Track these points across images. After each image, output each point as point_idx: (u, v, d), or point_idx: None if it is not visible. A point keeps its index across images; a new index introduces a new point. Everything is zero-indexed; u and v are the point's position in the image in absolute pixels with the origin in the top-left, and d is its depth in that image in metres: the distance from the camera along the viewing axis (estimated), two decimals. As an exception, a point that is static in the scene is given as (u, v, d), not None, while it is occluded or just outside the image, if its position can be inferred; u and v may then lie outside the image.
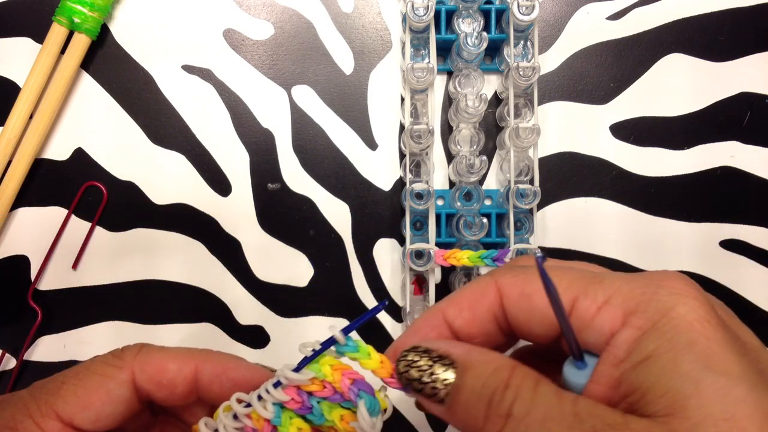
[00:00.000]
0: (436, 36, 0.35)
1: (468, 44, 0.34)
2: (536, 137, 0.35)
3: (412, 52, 0.37)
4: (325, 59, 0.38)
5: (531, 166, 0.36)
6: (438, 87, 0.38)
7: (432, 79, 0.35)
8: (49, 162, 0.37)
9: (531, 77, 0.34)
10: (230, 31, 0.38)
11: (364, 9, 0.38)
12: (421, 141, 0.34)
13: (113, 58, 0.38)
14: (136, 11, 0.38)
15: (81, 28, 0.36)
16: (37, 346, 0.37)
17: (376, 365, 0.22)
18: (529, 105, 0.36)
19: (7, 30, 0.37)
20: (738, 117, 0.38)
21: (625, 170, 0.38)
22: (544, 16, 0.39)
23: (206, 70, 0.38)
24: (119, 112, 0.37)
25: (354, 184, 0.38)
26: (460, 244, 0.36)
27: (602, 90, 0.38)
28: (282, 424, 0.22)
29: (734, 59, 0.39)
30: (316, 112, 0.38)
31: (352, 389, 0.22)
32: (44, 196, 0.37)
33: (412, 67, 0.34)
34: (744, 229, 0.38)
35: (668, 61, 0.38)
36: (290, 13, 0.38)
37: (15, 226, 0.37)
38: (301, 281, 0.37)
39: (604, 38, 0.39)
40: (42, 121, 0.36)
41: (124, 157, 0.37)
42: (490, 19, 0.36)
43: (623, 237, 0.38)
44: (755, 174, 0.38)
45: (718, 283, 0.38)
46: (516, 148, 0.36)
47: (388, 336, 0.37)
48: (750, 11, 0.39)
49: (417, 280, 0.36)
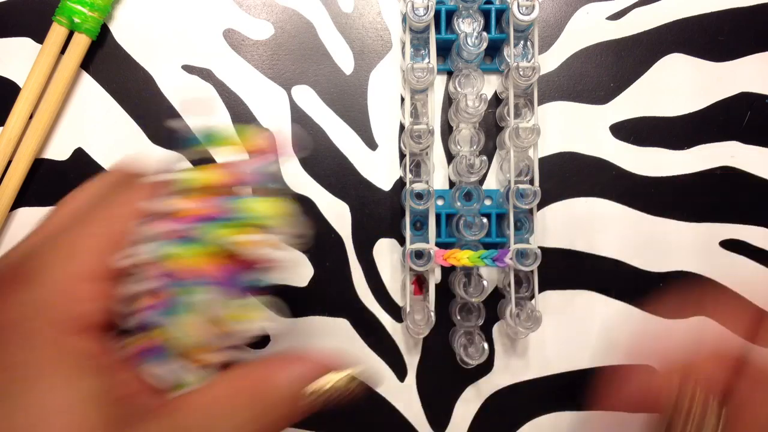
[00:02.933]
0: (436, 36, 0.35)
1: (468, 44, 0.34)
2: (536, 137, 0.35)
3: (412, 52, 0.37)
4: (325, 59, 0.38)
5: (531, 166, 0.36)
6: (438, 87, 0.38)
7: (432, 79, 0.35)
8: (49, 162, 0.37)
9: (531, 77, 0.34)
10: (230, 31, 0.38)
11: (364, 9, 0.38)
12: (421, 141, 0.34)
13: (113, 58, 0.38)
14: (136, 11, 0.38)
15: (81, 28, 0.36)
16: (37, 346, 0.37)
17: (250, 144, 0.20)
18: (529, 105, 0.36)
19: (7, 30, 0.37)
20: (738, 117, 0.38)
21: (625, 170, 0.38)
22: (544, 16, 0.39)
23: (206, 70, 0.38)
24: (119, 112, 0.37)
25: (354, 184, 0.38)
26: (460, 244, 0.36)
27: (602, 90, 0.38)
28: (170, 256, 0.20)
29: (734, 59, 0.39)
30: (316, 112, 0.38)
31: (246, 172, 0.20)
32: (44, 196, 0.37)
33: (412, 67, 0.34)
34: (744, 229, 0.38)
35: (668, 61, 0.38)
36: (290, 13, 0.38)
37: (15, 226, 0.37)
38: (301, 281, 0.37)
39: (604, 38, 0.39)
40: (42, 121, 0.36)
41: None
42: (490, 19, 0.37)
43: (623, 237, 0.38)
44: (755, 174, 0.38)
45: (718, 283, 0.38)
46: (516, 148, 0.36)
47: (389, 337, 0.37)
48: (750, 11, 0.39)
49: (417, 280, 0.36)
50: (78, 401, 0.18)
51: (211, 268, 0.19)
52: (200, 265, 0.19)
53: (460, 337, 0.36)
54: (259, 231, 0.20)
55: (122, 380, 0.20)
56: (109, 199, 0.22)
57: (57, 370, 0.18)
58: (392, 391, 0.37)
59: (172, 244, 0.20)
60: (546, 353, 0.37)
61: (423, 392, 0.37)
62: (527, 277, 0.35)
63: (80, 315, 0.19)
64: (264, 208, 0.19)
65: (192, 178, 0.20)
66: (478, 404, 0.37)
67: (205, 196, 0.20)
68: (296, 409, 0.21)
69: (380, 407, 0.36)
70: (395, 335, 0.37)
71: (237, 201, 0.19)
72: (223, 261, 0.20)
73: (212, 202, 0.20)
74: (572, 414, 0.37)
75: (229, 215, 0.19)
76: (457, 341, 0.36)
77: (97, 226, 0.21)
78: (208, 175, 0.20)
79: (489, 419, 0.37)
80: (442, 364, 0.37)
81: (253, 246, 0.19)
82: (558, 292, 0.37)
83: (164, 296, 0.20)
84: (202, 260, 0.19)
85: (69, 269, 0.20)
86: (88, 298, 0.20)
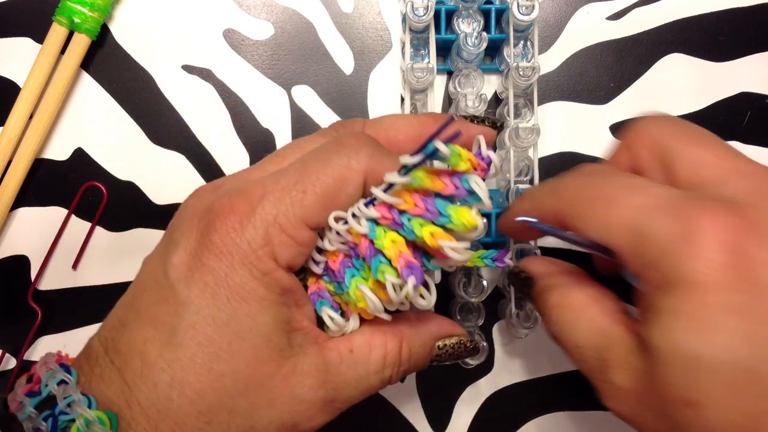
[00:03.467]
0: (435, 36, 0.35)
1: (468, 44, 0.34)
2: (536, 137, 0.35)
3: (412, 52, 0.37)
4: (325, 59, 0.38)
5: (531, 166, 0.36)
6: (439, 87, 0.38)
7: (432, 79, 0.35)
8: (49, 162, 0.37)
9: (531, 77, 0.34)
10: (230, 31, 0.38)
11: (364, 9, 0.38)
12: None
13: (113, 58, 0.38)
14: (136, 11, 0.38)
15: (81, 28, 0.36)
16: (37, 346, 0.37)
17: (467, 165, 0.23)
18: (529, 105, 0.36)
19: (7, 30, 0.37)
20: (738, 117, 0.38)
21: (625, 170, 0.38)
22: (544, 16, 0.39)
23: (206, 70, 0.38)
24: (119, 112, 0.38)
25: (354, 184, 0.37)
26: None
27: (602, 90, 0.38)
28: (377, 237, 0.23)
29: (734, 59, 0.39)
30: (316, 112, 0.38)
31: (458, 187, 0.22)
32: (44, 196, 0.37)
33: (412, 67, 0.34)
34: (744, 229, 0.38)
35: (668, 61, 0.38)
36: (290, 13, 0.38)
37: (15, 226, 0.37)
38: (301, 281, 0.37)
39: (604, 38, 0.39)
40: (42, 121, 0.36)
41: (124, 157, 0.37)
42: (490, 19, 0.37)
43: (623, 237, 0.38)
44: (755, 174, 0.38)
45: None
46: (516, 148, 0.36)
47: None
48: (750, 11, 0.39)
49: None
50: (270, 326, 0.22)
51: (400, 256, 0.23)
52: (393, 251, 0.23)
53: None
54: (452, 235, 0.23)
55: (302, 314, 0.24)
56: (341, 158, 0.23)
57: (261, 297, 0.22)
58: (392, 391, 0.37)
59: (381, 227, 0.23)
60: (546, 353, 0.37)
61: (423, 392, 0.37)
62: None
63: (287, 257, 0.23)
64: (462, 219, 0.22)
65: (416, 178, 0.22)
66: (478, 404, 0.37)
67: (421, 194, 0.23)
68: (428, 359, 0.27)
69: (380, 407, 0.36)
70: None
71: (446, 206, 0.22)
72: (412, 249, 0.23)
73: (426, 201, 0.23)
74: (572, 414, 0.37)
75: (435, 217, 0.22)
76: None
77: (323, 180, 0.23)
78: (429, 181, 0.22)
79: (489, 419, 0.37)
80: (442, 365, 0.37)
81: (443, 247, 0.22)
82: (558, 292, 0.37)
83: (347, 262, 0.24)
84: (396, 247, 0.23)
85: (288, 212, 0.22)
86: (295, 243, 0.23)
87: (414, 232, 0.23)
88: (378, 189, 0.23)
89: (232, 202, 0.23)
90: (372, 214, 0.23)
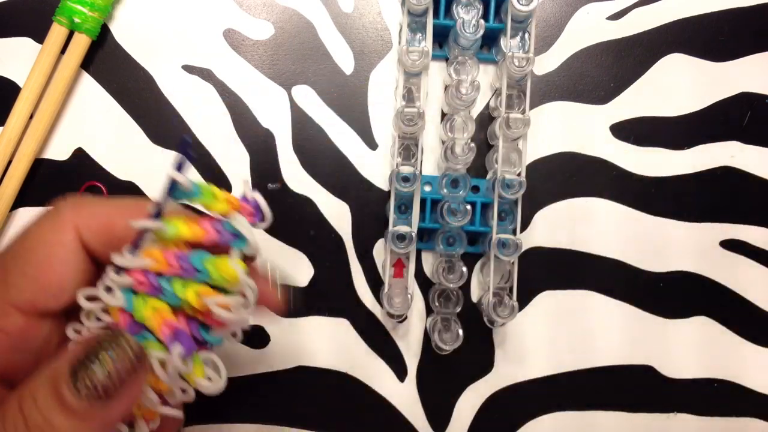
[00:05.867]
0: (434, 21, 0.35)
1: (465, 30, 0.34)
2: (526, 128, 0.34)
3: (410, 36, 0.36)
4: (325, 59, 0.38)
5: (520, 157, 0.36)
6: (438, 75, 0.38)
7: (426, 62, 0.35)
8: (49, 162, 0.37)
9: (525, 67, 0.34)
10: (230, 31, 0.38)
11: (364, 9, 0.38)
12: (411, 124, 0.34)
13: (113, 58, 0.38)
14: (136, 11, 0.38)
15: (81, 28, 0.36)
16: (37, 346, 0.37)
17: (224, 206, 0.20)
18: (522, 96, 0.36)
19: (7, 30, 0.37)
20: (738, 117, 0.38)
21: (625, 170, 0.38)
22: (544, 16, 0.39)
23: (206, 70, 0.38)
24: (119, 112, 0.37)
25: (354, 184, 0.37)
26: (443, 230, 0.36)
27: (602, 90, 0.38)
28: (135, 309, 0.20)
29: (734, 59, 0.39)
30: (316, 112, 0.38)
31: (221, 231, 0.20)
32: (44, 196, 0.37)
33: (407, 50, 0.34)
34: (744, 229, 0.38)
35: (668, 61, 0.38)
36: (290, 13, 0.38)
37: (15, 226, 0.37)
38: (301, 281, 0.37)
39: (604, 38, 0.39)
40: (42, 121, 0.36)
41: (124, 157, 0.37)
42: (489, 9, 0.36)
43: (623, 237, 0.38)
44: (755, 174, 0.38)
45: (718, 283, 0.38)
46: (506, 139, 0.35)
47: (389, 337, 0.37)
48: (750, 11, 0.39)
49: (398, 263, 0.36)
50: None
51: (163, 324, 0.19)
52: (155, 321, 0.20)
53: (436, 323, 0.36)
54: (219, 292, 0.20)
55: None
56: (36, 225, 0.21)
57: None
58: (392, 391, 0.37)
59: (140, 296, 0.20)
60: (546, 353, 0.37)
61: (423, 392, 0.37)
62: (508, 271, 0.36)
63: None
64: (221, 272, 0.19)
65: (171, 225, 0.20)
66: (478, 404, 0.37)
67: (176, 248, 0.20)
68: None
69: (380, 407, 0.36)
70: (384, 321, 0.37)
71: (203, 259, 0.20)
72: (180, 317, 0.20)
73: (179, 257, 0.20)
74: (572, 414, 0.37)
75: (194, 274, 0.20)
76: (434, 327, 0.36)
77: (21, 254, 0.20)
78: (186, 228, 0.20)
79: (489, 419, 0.37)
80: (442, 364, 0.37)
81: (210, 307, 0.19)
82: (558, 292, 0.37)
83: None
84: (158, 315, 0.20)
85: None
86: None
87: (176, 295, 0.20)
88: (124, 252, 0.20)
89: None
90: (125, 281, 0.20)
